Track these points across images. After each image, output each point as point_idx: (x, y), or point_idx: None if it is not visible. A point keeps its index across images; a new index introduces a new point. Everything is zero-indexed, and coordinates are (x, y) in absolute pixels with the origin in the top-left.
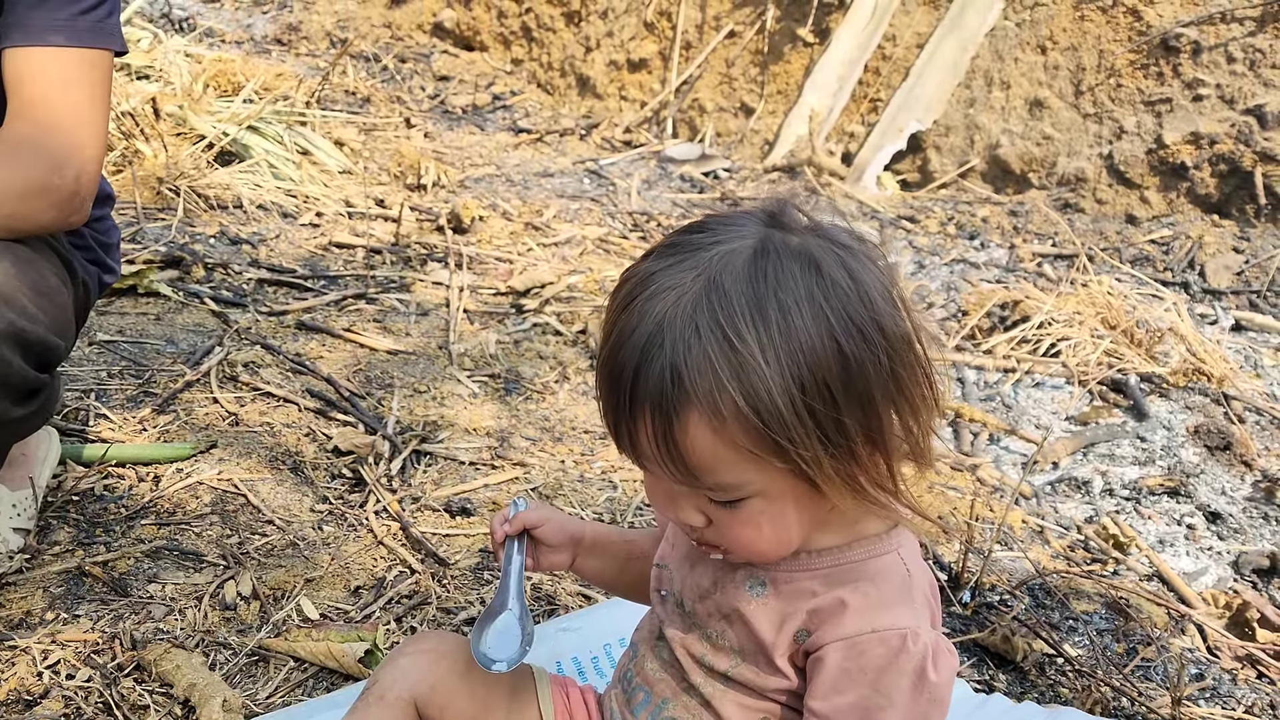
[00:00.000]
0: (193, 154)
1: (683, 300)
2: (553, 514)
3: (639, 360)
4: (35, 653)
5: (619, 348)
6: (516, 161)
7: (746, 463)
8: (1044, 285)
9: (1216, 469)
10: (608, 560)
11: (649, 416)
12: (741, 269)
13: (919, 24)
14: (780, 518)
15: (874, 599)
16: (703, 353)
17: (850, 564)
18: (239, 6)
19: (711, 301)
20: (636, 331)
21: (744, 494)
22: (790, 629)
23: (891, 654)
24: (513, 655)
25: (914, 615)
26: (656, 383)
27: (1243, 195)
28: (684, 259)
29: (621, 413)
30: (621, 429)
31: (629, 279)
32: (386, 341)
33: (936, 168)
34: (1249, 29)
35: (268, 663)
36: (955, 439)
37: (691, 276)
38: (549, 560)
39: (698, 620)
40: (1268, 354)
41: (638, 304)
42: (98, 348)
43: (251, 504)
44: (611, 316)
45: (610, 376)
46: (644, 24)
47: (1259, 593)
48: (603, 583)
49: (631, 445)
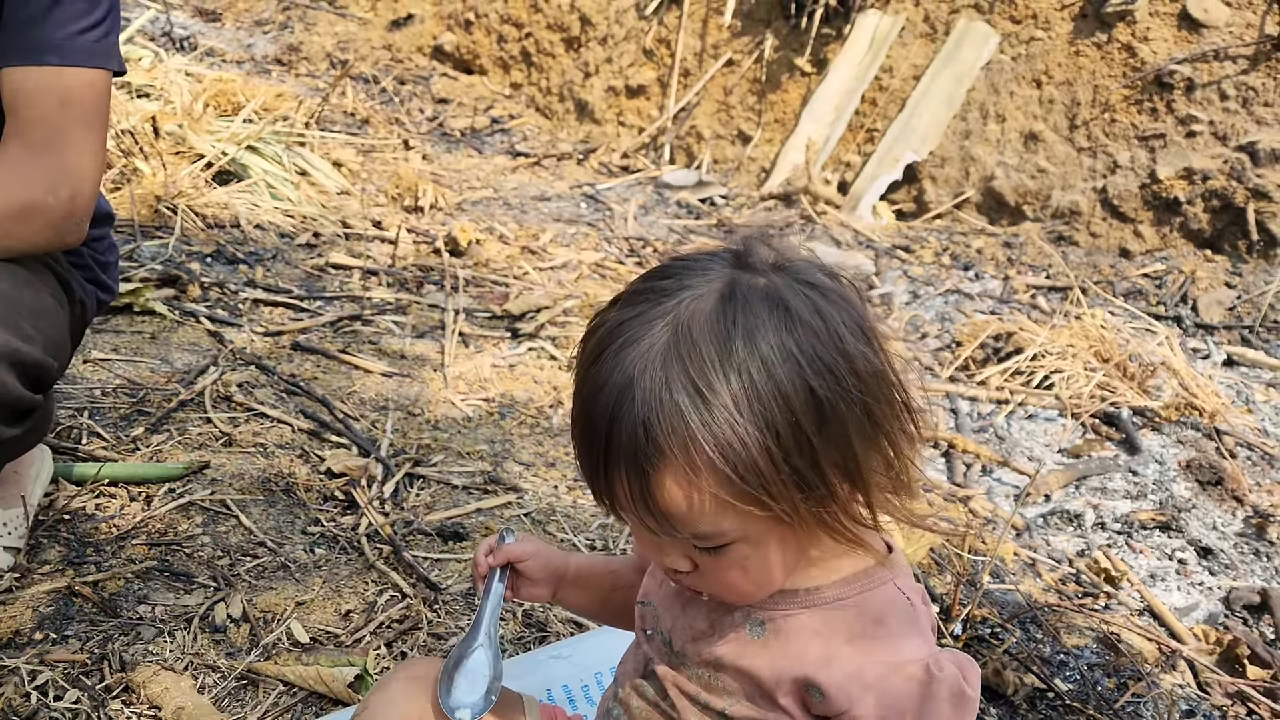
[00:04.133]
0: (191, 173)
1: (652, 352)
2: (539, 549)
3: (610, 416)
4: (23, 673)
5: (591, 403)
6: (514, 185)
7: (724, 512)
8: (1038, 317)
9: (1208, 504)
10: (591, 592)
11: (624, 472)
12: (708, 316)
13: (916, 56)
14: (764, 560)
15: (883, 638)
16: (674, 406)
17: (848, 600)
18: (240, 26)
19: (681, 353)
20: (607, 386)
21: (725, 540)
22: (794, 673)
23: (922, 687)
24: (477, 703)
25: (927, 644)
26: (630, 439)
27: (1235, 231)
28: (651, 307)
29: (597, 468)
30: (599, 484)
31: (597, 329)
32: (381, 364)
33: (932, 198)
34: (1242, 67)
35: (257, 686)
36: (948, 470)
37: (660, 326)
38: (529, 593)
39: (687, 660)
40: (1259, 389)
41: (606, 357)
42: (92, 365)
43: (243, 525)
44: (581, 371)
45: (584, 434)
46: (643, 51)
47: (1249, 629)
48: (585, 613)
49: (609, 499)
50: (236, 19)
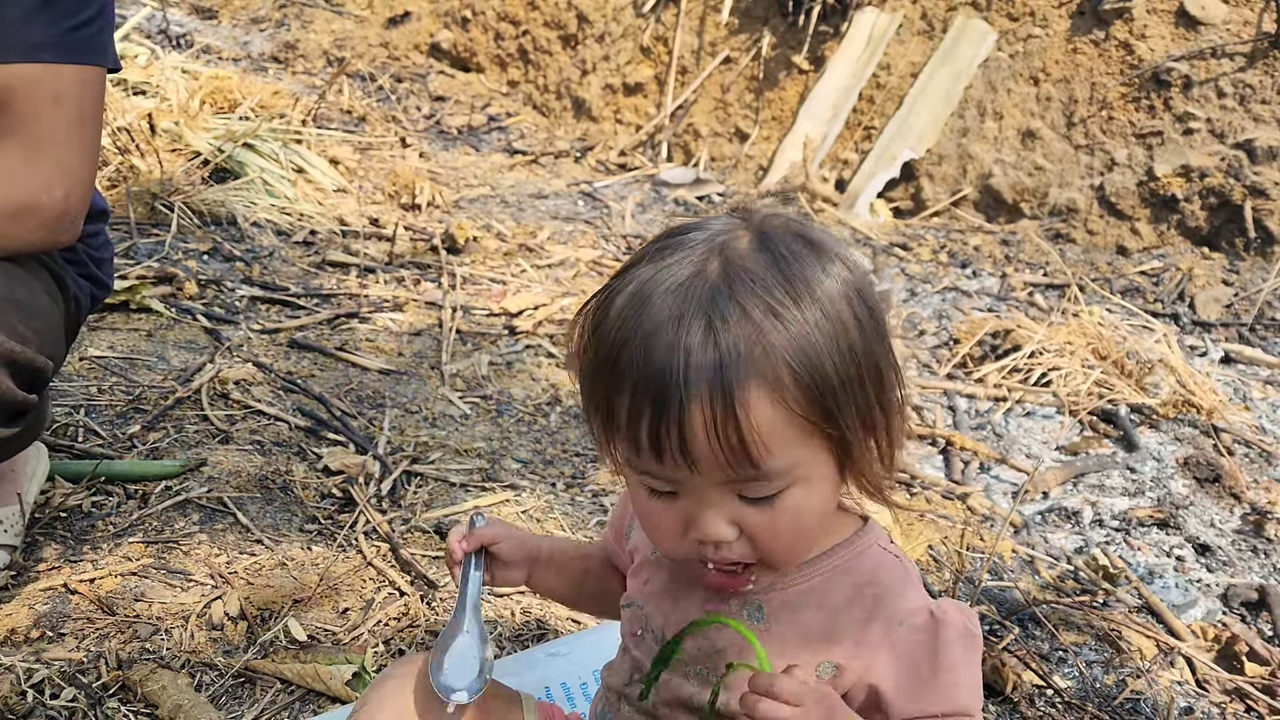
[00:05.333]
0: (187, 170)
1: (709, 283)
2: (510, 531)
3: (684, 347)
4: (20, 671)
5: (652, 343)
6: (511, 183)
7: (799, 441)
8: (1035, 315)
9: (1206, 501)
10: (565, 576)
11: (706, 403)
12: (750, 249)
13: (913, 54)
14: (814, 506)
15: (882, 595)
16: (753, 323)
17: (840, 566)
18: (236, 24)
19: (740, 279)
20: (669, 322)
21: (788, 481)
22: (802, 654)
23: (931, 635)
24: (472, 684)
25: (923, 592)
26: (710, 365)
27: (1232, 228)
28: (683, 254)
29: (667, 410)
30: (666, 431)
31: (622, 288)
32: (379, 361)
33: (929, 196)
34: (1239, 64)
35: (254, 684)
36: (946, 467)
37: (705, 262)
38: (505, 576)
39: (684, 656)
40: (1257, 386)
41: (655, 298)
42: (88, 363)
43: (240, 523)
44: (619, 320)
45: (648, 376)
46: (640, 48)
47: (1247, 626)
48: (561, 597)
49: (680, 445)
50: (233, 16)
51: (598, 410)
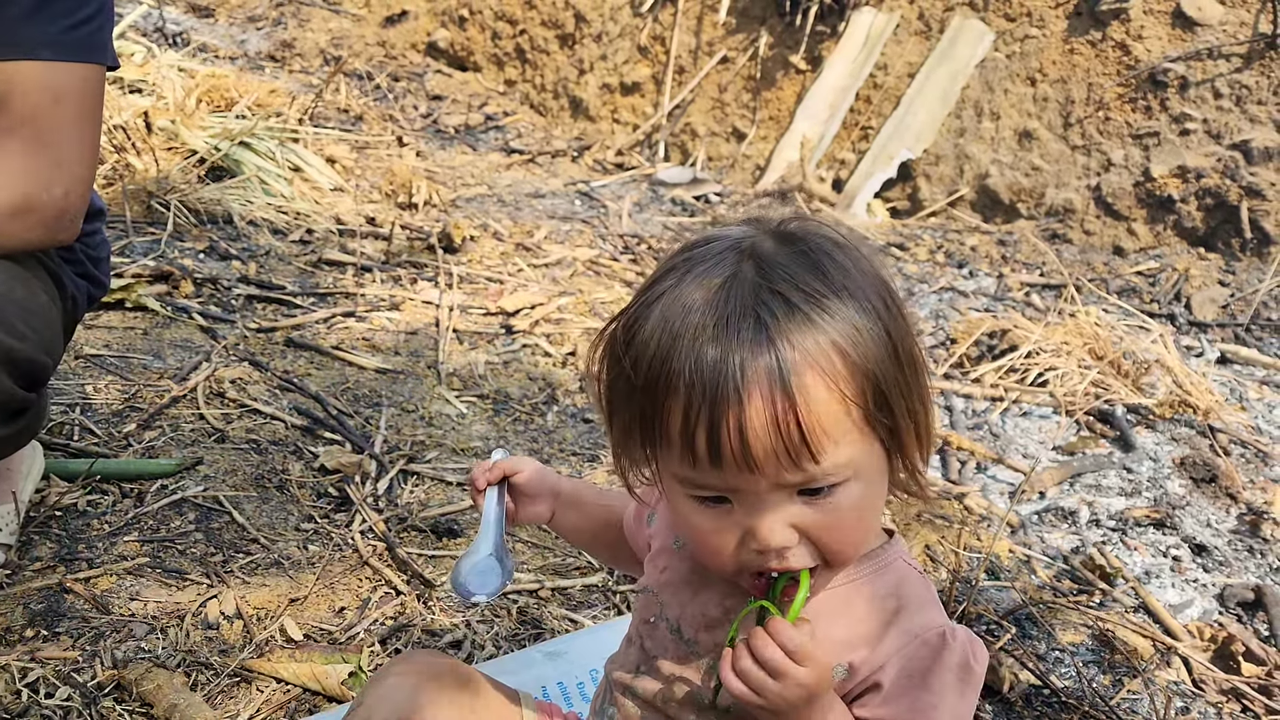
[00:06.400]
0: (184, 168)
1: (748, 283)
2: (533, 464)
3: (736, 344)
4: (14, 670)
5: (700, 350)
6: (508, 182)
7: (856, 431)
8: (1032, 315)
9: (1202, 501)
10: (585, 518)
11: (766, 398)
12: (778, 250)
13: (910, 54)
14: (872, 503)
15: (905, 609)
16: (803, 315)
17: (865, 577)
18: (233, 22)
19: (777, 274)
20: (714, 324)
21: (847, 474)
22: None
23: (934, 654)
24: (492, 589)
25: (942, 613)
26: (765, 359)
27: (1228, 229)
28: (711, 261)
29: (727, 411)
30: (724, 431)
31: (658, 296)
32: (375, 360)
33: (926, 196)
34: (1236, 65)
35: (250, 683)
36: (943, 467)
37: (738, 265)
38: (529, 511)
39: (699, 649)
40: (1253, 387)
41: (697, 305)
42: (84, 361)
43: (236, 522)
44: (657, 333)
45: (702, 382)
46: (638, 48)
47: (1243, 626)
48: (581, 542)
49: (741, 446)
50: (229, 15)
51: (638, 427)
